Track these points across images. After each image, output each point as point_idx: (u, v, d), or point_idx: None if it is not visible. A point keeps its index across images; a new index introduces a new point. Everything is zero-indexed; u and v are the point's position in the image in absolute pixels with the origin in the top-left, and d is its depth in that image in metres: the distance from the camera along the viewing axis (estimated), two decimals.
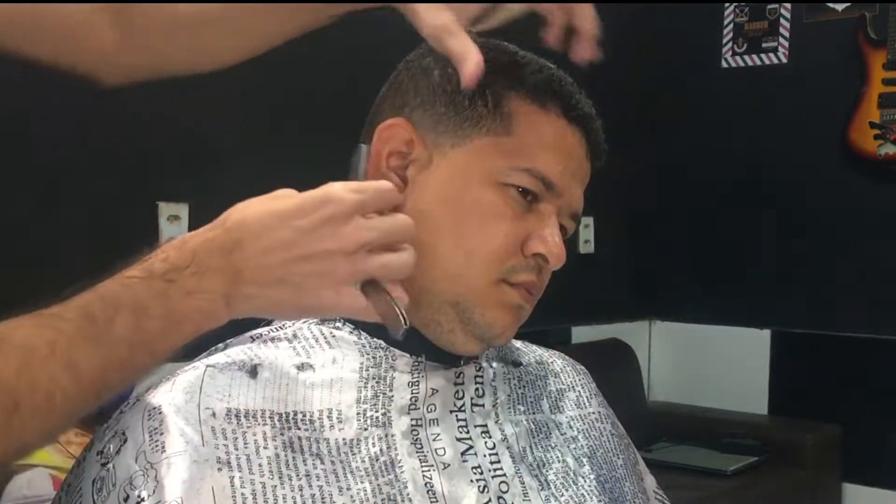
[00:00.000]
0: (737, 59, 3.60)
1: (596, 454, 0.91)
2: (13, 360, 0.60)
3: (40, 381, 0.61)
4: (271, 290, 0.69)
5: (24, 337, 0.61)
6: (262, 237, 0.68)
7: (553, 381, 0.95)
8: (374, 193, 0.71)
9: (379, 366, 0.80)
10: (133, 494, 0.69)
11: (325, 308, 0.71)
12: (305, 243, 0.68)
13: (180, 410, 0.72)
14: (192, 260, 0.67)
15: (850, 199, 3.35)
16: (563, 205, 0.82)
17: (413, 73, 0.83)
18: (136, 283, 0.66)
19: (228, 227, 0.69)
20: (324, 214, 0.69)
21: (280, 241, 0.68)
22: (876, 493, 3.27)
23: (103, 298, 0.65)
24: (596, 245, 3.51)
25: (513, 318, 0.82)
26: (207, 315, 0.68)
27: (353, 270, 0.69)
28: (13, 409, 0.59)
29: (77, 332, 0.63)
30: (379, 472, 0.76)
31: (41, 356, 0.61)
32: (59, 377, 0.61)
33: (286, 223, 0.68)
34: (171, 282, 0.67)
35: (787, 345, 3.49)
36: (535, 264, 0.81)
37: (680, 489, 2.71)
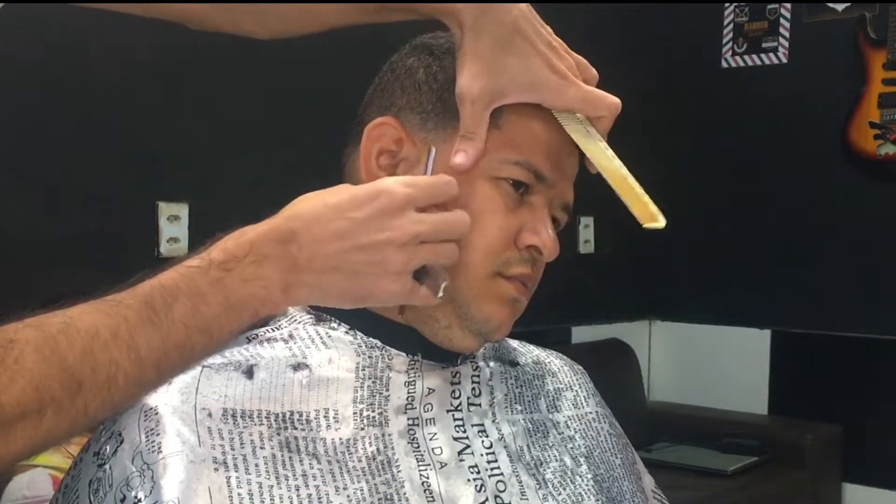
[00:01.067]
0: (737, 59, 3.61)
1: (593, 454, 0.91)
2: (78, 344, 0.64)
3: (102, 365, 0.64)
4: (326, 279, 0.72)
5: (89, 323, 0.65)
6: (317, 227, 0.71)
7: (550, 381, 0.95)
8: (425, 188, 0.74)
9: (375, 365, 0.80)
10: (130, 495, 0.69)
11: (379, 296, 0.74)
12: (359, 234, 0.71)
13: (176, 411, 0.72)
14: (250, 250, 0.71)
15: (850, 199, 3.35)
16: (554, 196, 0.83)
17: (398, 73, 0.84)
18: (194, 272, 0.69)
19: (286, 218, 0.72)
20: (376, 207, 0.72)
21: (334, 231, 0.71)
22: (876, 493, 3.27)
23: (163, 286, 0.68)
24: (596, 245, 3.51)
25: (509, 312, 0.82)
26: (263, 300, 0.71)
27: (406, 260, 0.72)
28: (77, 389, 0.63)
29: (138, 318, 0.66)
30: (376, 472, 0.76)
31: (103, 341, 0.65)
32: (120, 360, 0.65)
33: (340, 214, 0.72)
34: (228, 270, 0.70)
35: (787, 345, 3.49)
36: (530, 257, 0.81)
37: (680, 489, 2.71)
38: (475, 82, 0.77)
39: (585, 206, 3.48)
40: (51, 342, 0.63)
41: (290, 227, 0.71)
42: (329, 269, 0.72)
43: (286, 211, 0.73)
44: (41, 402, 0.62)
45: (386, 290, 0.73)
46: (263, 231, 0.72)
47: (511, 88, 0.78)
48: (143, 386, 0.68)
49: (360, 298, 0.74)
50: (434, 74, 0.82)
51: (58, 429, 0.63)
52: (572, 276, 3.45)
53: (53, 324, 0.64)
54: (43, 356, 0.62)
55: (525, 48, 0.78)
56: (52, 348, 0.63)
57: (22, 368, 0.61)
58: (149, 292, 0.68)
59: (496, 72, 0.77)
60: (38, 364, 0.62)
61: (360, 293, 0.73)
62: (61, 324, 0.64)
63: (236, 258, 0.70)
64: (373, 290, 0.73)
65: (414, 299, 0.74)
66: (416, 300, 0.75)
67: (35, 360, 0.62)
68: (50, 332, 0.63)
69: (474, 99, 0.77)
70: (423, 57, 0.82)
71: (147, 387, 0.69)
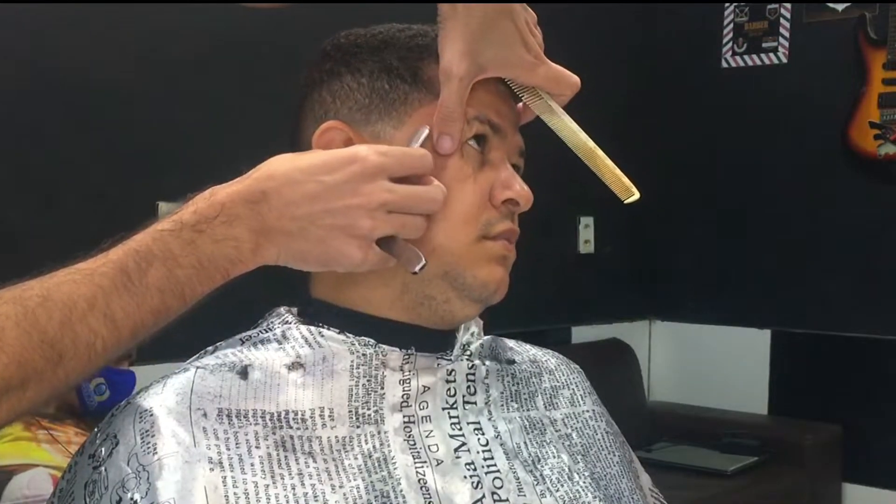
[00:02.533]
0: (737, 59, 3.61)
1: (589, 452, 0.92)
2: (56, 316, 0.65)
3: (82, 335, 0.66)
4: (294, 240, 0.74)
5: (65, 294, 0.66)
6: (287, 189, 0.73)
7: (547, 378, 0.95)
8: (399, 156, 0.76)
9: (369, 363, 0.80)
10: (126, 497, 0.69)
11: (343, 260, 0.75)
12: (329, 197, 0.73)
13: (171, 412, 0.72)
14: (221, 210, 0.72)
15: (850, 199, 3.35)
16: (509, 146, 0.84)
17: (321, 83, 0.84)
18: (167, 235, 0.71)
19: (256, 179, 0.74)
20: (348, 172, 0.73)
21: (304, 193, 0.72)
22: (876, 493, 3.27)
23: (137, 252, 0.70)
24: (596, 245, 3.51)
25: (502, 271, 0.83)
26: (234, 261, 0.73)
27: (371, 227, 0.74)
28: (58, 360, 0.65)
29: (113, 286, 0.68)
30: (372, 469, 0.76)
31: (81, 311, 0.66)
32: (98, 328, 0.67)
33: (312, 177, 0.73)
34: (200, 232, 0.71)
35: (787, 345, 3.49)
36: (507, 211, 0.83)
37: (680, 489, 2.71)
38: (462, 60, 0.78)
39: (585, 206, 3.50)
40: (30, 316, 0.64)
41: (261, 188, 0.73)
42: (298, 231, 0.73)
43: (257, 172, 0.74)
44: (24, 376, 0.63)
45: (350, 255, 0.74)
46: (234, 191, 0.73)
47: (490, 64, 0.80)
48: (120, 350, 0.70)
49: (324, 262, 0.76)
50: (359, 70, 0.83)
51: (40, 398, 0.65)
52: (572, 276, 3.45)
53: (31, 297, 0.65)
54: (24, 331, 0.63)
55: (509, 28, 0.79)
56: (32, 322, 0.64)
57: (4, 345, 0.62)
58: (122, 258, 0.69)
59: (480, 50, 0.78)
60: (19, 339, 0.63)
61: (324, 257, 0.75)
62: (39, 297, 0.65)
63: (207, 219, 0.71)
64: (336, 255, 0.74)
65: (377, 266, 0.76)
66: (379, 267, 0.76)
67: (16, 336, 0.63)
68: (29, 305, 0.65)
69: (461, 76, 0.78)
70: (339, 59, 0.84)
71: (123, 350, 0.71)
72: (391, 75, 0.82)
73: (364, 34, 0.85)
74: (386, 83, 0.81)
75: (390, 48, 0.83)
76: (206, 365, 0.77)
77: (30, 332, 0.64)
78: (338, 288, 0.83)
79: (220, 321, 1.00)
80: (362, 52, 0.83)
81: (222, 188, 0.73)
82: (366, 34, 0.85)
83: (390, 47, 0.83)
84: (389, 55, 0.82)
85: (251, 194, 0.72)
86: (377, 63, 0.82)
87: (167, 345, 0.83)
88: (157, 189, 2.26)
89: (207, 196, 0.73)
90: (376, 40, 0.84)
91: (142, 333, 0.70)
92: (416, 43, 0.83)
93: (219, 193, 0.73)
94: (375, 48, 0.83)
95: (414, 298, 0.81)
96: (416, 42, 0.83)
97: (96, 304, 0.67)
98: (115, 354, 0.70)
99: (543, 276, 3.07)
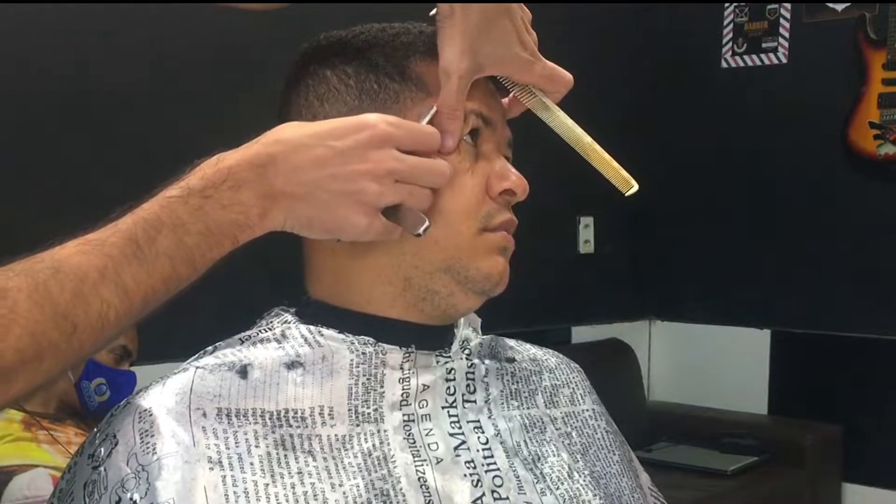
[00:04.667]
0: (737, 59, 3.61)
1: (589, 451, 0.92)
2: (68, 288, 0.65)
3: (94, 305, 0.66)
4: (300, 205, 0.73)
5: (76, 265, 0.66)
6: (295, 154, 0.72)
7: (547, 377, 0.95)
8: (408, 129, 0.75)
9: (369, 362, 0.80)
10: (125, 497, 0.69)
11: (349, 226, 0.75)
12: (337, 162, 0.72)
13: (171, 412, 0.72)
14: (228, 175, 0.72)
15: (850, 199, 3.35)
16: (498, 138, 0.85)
17: (306, 86, 0.84)
18: (174, 202, 0.71)
19: (264, 144, 0.73)
20: (358, 138, 0.73)
21: (312, 158, 0.72)
22: (876, 493, 3.27)
23: (145, 221, 0.70)
24: (596, 245, 3.52)
25: (504, 262, 0.83)
26: (242, 226, 0.72)
27: (379, 193, 0.73)
28: (72, 331, 0.65)
29: (123, 256, 0.68)
30: (372, 468, 0.76)
31: (92, 281, 0.66)
32: (110, 299, 0.67)
33: (321, 142, 0.73)
34: (208, 197, 0.71)
35: (787, 345, 3.49)
36: (505, 202, 0.83)
37: (680, 489, 2.71)
38: (463, 59, 0.78)
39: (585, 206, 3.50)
40: (42, 288, 0.64)
41: (269, 152, 0.72)
42: (304, 196, 0.73)
43: (265, 137, 0.74)
44: (39, 348, 0.63)
45: (356, 222, 0.74)
46: (241, 156, 0.72)
47: (488, 63, 0.80)
48: (132, 319, 0.70)
49: (330, 229, 0.75)
50: (345, 71, 0.82)
51: (55, 370, 0.66)
52: (572, 276, 3.45)
53: (42, 270, 0.65)
54: (36, 303, 0.64)
55: (507, 27, 0.80)
56: (44, 294, 0.64)
57: (17, 317, 0.62)
58: (132, 228, 0.69)
59: (479, 48, 0.79)
60: (32, 311, 0.63)
61: (331, 223, 0.74)
62: (50, 269, 0.65)
63: (214, 184, 0.71)
64: (343, 222, 0.74)
65: (382, 236, 0.76)
66: (384, 236, 0.76)
67: (28, 308, 0.63)
68: (40, 278, 0.65)
69: (461, 75, 0.78)
70: (323, 61, 0.83)
71: (135, 318, 0.71)
72: (379, 74, 0.81)
73: (345, 35, 0.85)
74: (374, 83, 0.81)
75: (375, 47, 0.82)
76: (206, 365, 0.77)
77: (42, 304, 0.64)
78: (336, 288, 0.83)
79: (219, 321, 1.01)
80: (346, 52, 0.83)
81: (230, 154, 0.73)
82: (347, 35, 0.84)
83: (374, 47, 0.82)
84: (375, 54, 0.82)
85: (258, 158, 0.72)
86: (363, 63, 0.82)
87: (167, 345, 0.83)
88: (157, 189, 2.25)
89: (214, 162, 0.73)
90: (359, 40, 0.83)
91: (153, 302, 0.70)
92: (401, 41, 0.83)
93: (226, 159, 0.73)
94: (359, 48, 0.83)
95: (416, 294, 0.81)
96: (400, 40, 0.83)
97: (107, 274, 0.67)
98: (127, 323, 0.70)
99: (543, 276, 3.07)
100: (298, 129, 0.74)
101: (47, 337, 0.64)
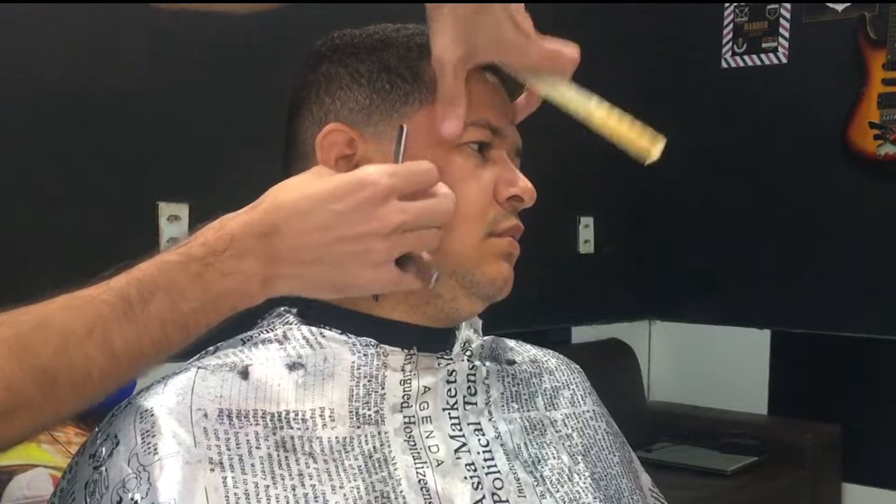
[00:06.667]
0: (737, 59, 3.61)
1: (590, 451, 0.92)
2: (52, 342, 0.64)
3: (77, 362, 0.64)
4: (309, 270, 0.72)
5: (63, 321, 0.65)
6: (298, 220, 0.71)
7: (548, 379, 0.95)
8: (408, 175, 0.73)
9: (370, 364, 0.80)
10: (126, 497, 0.69)
11: (361, 286, 0.74)
12: (342, 226, 0.71)
13: (172, 412, 0.72)
14: (230, 243, 0.70)
15: (850, 199, 3.35)
16: (508, 145, 0.85)
17: (318, 84, 0.84)
18: (173, 267, 0.69)
19: (264, 210, 0.72)
20: (359, 198, 0.71)
21: (316, 224, 0.71)
22: (876, 493, 3.27)
23: (140, 282, 0.68)
24: (596, 245, 3.51)
25: (509, 267, 0.84)
26: (243, 295, 0.71)
27: (389, 249, 0.72)
28: (50, 386, 0.63)
29: (113, 314, 0.66)
30: (372, 470, 0.76)
31: (78, 338, 0.64)
32: (95, 357, 0.65)
33: (322, 206, 0.71)
34: (208, 265, 0.69)
35: (787, 345, 3.49)
36: (511, 208, 0.83)
37: (680, 489, 2.71)
38: (456, 48, 0.77)
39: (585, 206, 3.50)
40: (23, 339, 0.63)
41: (272, 220, 0.71)
42: (311, 261, 0.71)
43: (264, 203, 0.72)
44: (14, 401, 0.62)
45: (369, 279, 0.73)
46: (244, 223, 0.71)
47: (482, 49, 0.79)
48: (117, 381, 0.68)
49: (341, 288, 0.74)
50: (357, 70, 0.82)
51: (29, 427, 0.64)
52: (572, 276, 3.45)
53: (26, 321, 0.64)
54: (15, 353, 0.62)
55: (499, 11, 0.78)
56: (25, 345, 0.62)
57: None
58: (125, 287, 0.67)
59: (471, 34, 0.78)
60: (9, 362, 0.61)
61: (341, 283, 0.73)
62: (34, 321, 0.64)
63: (216, 252, 0.70)
64: (354, 280, 0.73)
65: (398, 287, 0.75)
66: (401, 287, 0.75)
67: (7, 358, 0.61)
68: (22, 329, 0.63)
69: (455, 63, 0.78)
70: (336, 60, 0.83)
71: (120, 382, 0.69)
72: (391, 75, 0.81)
73: (360, 34, 0.85)
74: (386, 83, 0.81)
75: (389, 48, 0.82)
76: (207, 365, 0.77)
77: (21, 355, 0.62)
78: None
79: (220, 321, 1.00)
80: (360, 52, 0.83)
81: (231, 218, 0.71)
82: (361, 34, 0.85)
83: (389, 47, 0.82)
84: (388, 55, 0.82)
85: (262, 226, 0.70)
86: (376, 63, 0.82)
87: None
88: (157, 189, 2.26)
89: (217, 227, 0.71)
90: (373, 40, 0.84)
91: (141, 365, 0.69)
92: (415, 42, 0.83)
93: (228, 225, 0.71)
94: (373, 48, 0.83)
95: (420, 298, 0.81)
96: (414, 41, 0.83)
97: (94, 332, 0.65)
98: (112, 385, 0.68)
99: (543, 276, 3.07)
100: (297, 192, 0.72)
101: (23, 392, 0.62)
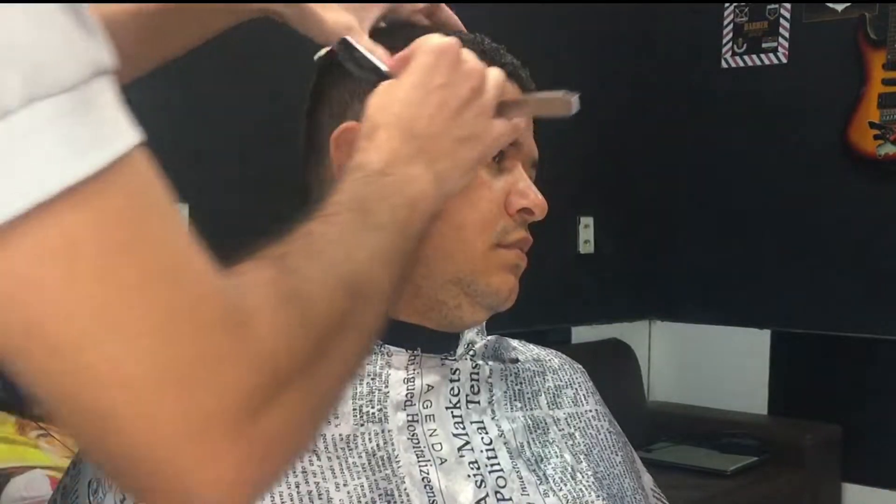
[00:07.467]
0: (737, 59, 3.60)
1: (593, 451, 0.92)
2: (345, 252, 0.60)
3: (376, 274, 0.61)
4: (457, 152, 0.71)
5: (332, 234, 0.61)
6: (419, 112, 0.71)
7: (551, 378, 0.95)
8: None
9: (374, 363, 0.80)
10: None
11: (497, 139, 0.74)
12: (451, 95, 0.71)
13: None
14: (393, 156, 0.69)
15: (850, 199, 3.35)
16: (524, 156, 0.84)
17: (331, 84, 0.84)
18: (358, 181, 0.66)
19: (387, 125, 0.70)
20: (443, 65, 0.72)
21: (433, 106, 0.71)
22: (876, 493, 3.27)
23: (350, 200, 0.64)
24: (596, 245, 3.51)
25: (514, 279, 0.84)
26: (426, 196, 0.68)
27: (495, 95, 0.73)
28: None
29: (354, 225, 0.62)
30: (376, 468, 0.76)
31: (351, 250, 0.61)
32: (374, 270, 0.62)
33: (426, 90, 0.71)
34: (388, 175, 0.67)
35: (787, 345, 3.49)
36: (522, 220, 0.83)
37: (680, 489, 2.71)
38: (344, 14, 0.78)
39: (585, 206, 3.50)
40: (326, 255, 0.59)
41: (402, 126, 0.70)
42: (454, 142, 0.71)
43: (379, 125, 0.70)
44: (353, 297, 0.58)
45: (500, 131, 0.74)
46: (382, 145, 0.69)
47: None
48: None
49: (487, 153, 0.74)
50: None
51: None
52: (572, 276, 3.45)
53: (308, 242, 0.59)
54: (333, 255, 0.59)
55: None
56: None
57: None
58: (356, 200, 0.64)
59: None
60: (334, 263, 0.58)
61: (485, 147, 0.73)
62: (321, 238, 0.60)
63: (389, 163, 0.68)
64: (491, 137, 0.73)
65: (517, 133, 0.76)
66: (518, 133, 0.76)
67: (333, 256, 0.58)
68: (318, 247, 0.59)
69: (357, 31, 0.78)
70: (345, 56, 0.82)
71: None
72: None
73: (383, 31, 0.84)
74: None
75: None
76: None
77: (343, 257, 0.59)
78: None
79: None
80: None
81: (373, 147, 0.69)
82: (385, 31, 0.84)
83: None
84: None
85: (400, 134, 0.70)
86: None
87: None
88: None
89: (371, 148, 0.69)
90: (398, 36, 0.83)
91: None
92: None
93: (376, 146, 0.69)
94: (393, 47, 0.82)
95: (425, 303, 0.81)
96: None
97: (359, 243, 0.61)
98: None
99: (543, 276, 3.06)
100: (394, 98, 0.71)
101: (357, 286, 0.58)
